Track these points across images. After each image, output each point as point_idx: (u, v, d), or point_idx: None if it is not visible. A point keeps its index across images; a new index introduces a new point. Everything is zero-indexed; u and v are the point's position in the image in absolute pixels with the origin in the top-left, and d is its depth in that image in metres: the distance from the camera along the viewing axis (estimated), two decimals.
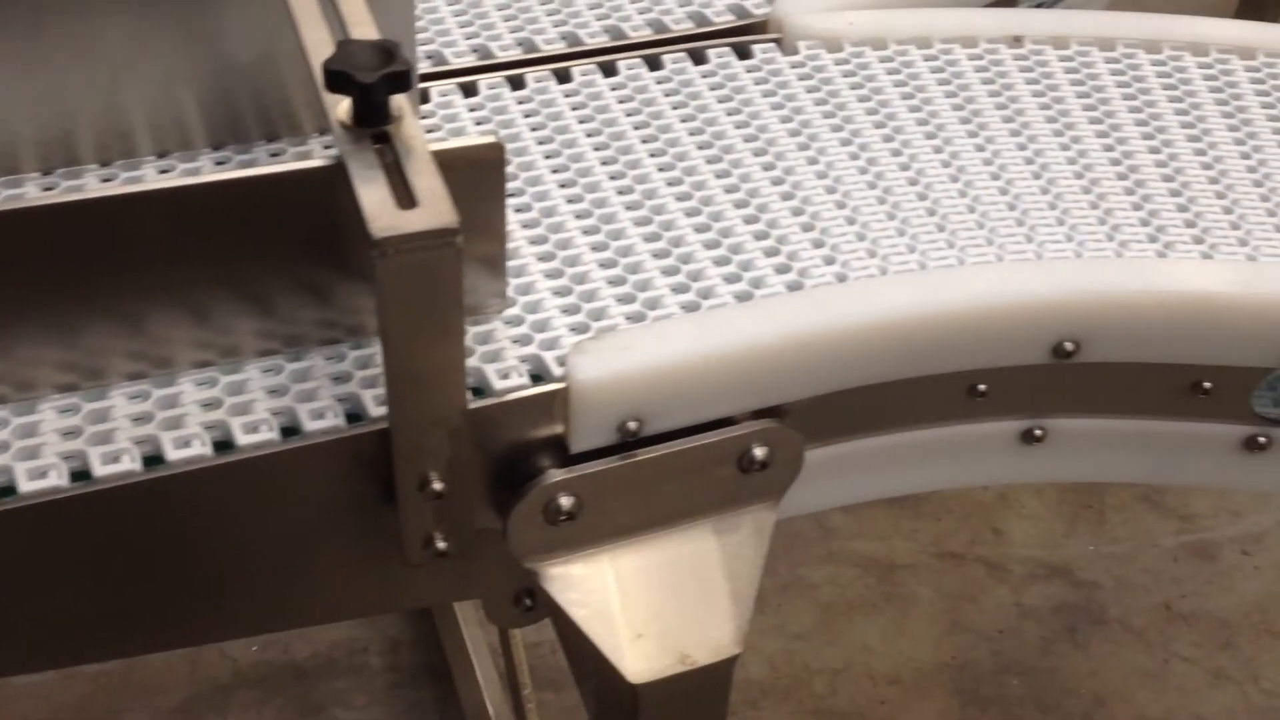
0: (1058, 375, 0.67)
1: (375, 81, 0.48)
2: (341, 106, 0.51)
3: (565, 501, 0.60)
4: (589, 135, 0.72)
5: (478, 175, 0.54)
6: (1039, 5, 1.01)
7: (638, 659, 0.61)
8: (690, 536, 0.64)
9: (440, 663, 1.35)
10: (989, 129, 0.74)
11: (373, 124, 0.50)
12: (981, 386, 0.67)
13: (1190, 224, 0.68)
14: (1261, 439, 0.70)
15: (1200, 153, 0.73)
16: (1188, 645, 1.42)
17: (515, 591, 0.65)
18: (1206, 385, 0.68)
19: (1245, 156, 0.73)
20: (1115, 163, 0.72)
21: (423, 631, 1.38)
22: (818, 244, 0.66)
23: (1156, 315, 0.64)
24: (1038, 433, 0.70)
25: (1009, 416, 0.69)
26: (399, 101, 0.51)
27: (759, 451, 0.63)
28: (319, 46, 0.53)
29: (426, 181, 0.48)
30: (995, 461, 0.71)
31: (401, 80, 0.49)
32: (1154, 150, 0.73)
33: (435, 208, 0.47)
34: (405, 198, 0.48)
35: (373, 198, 0.47)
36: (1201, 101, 0.76)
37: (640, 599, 0.63)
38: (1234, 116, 0.75)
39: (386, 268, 0.47)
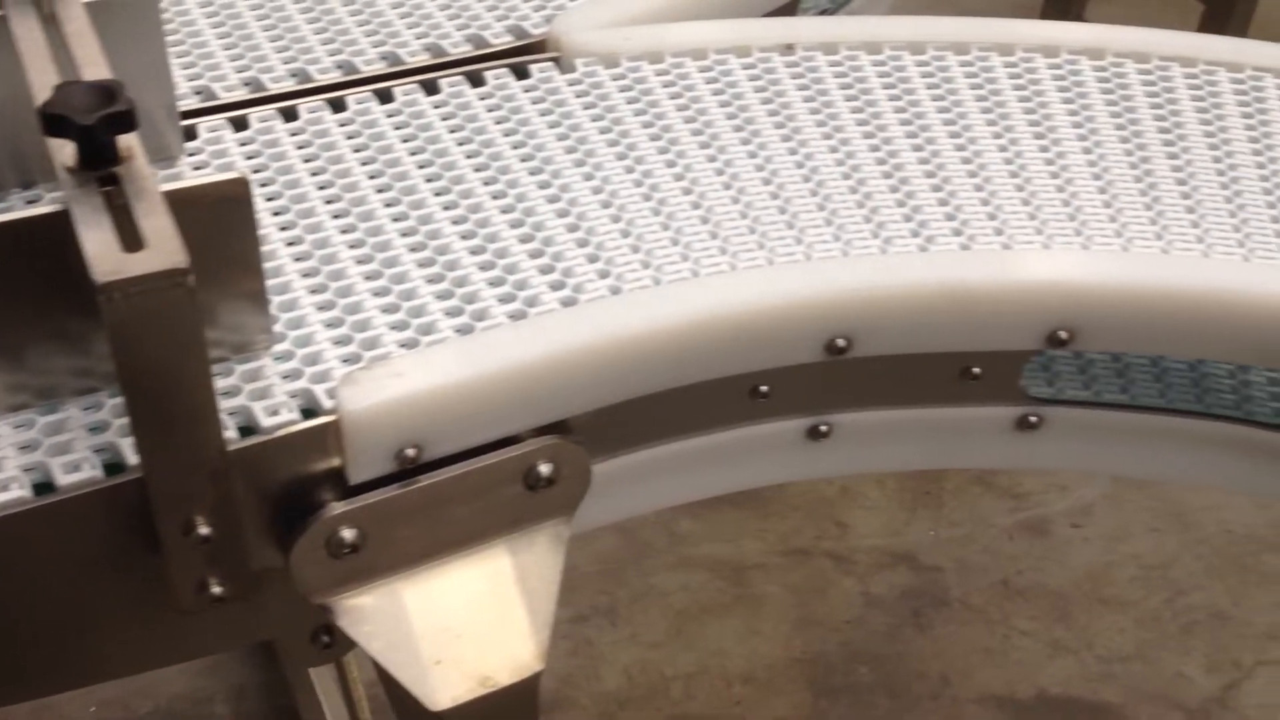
0: (835, 372, 0.69)
1: (95, 123, 0.47)
2: (66, 150, 0.50)
3: (348, 534, 0.59)
4: (364, 164, 0.71)
5: (224, 212, 0.54)
6: (822, 11, 1.04)
7: (438, 686, 0.61)
8: (483, 558, 0.64)
9: (289, 705, 1.32)
10: (761, 135, 0.76)
11: (98, 166, 0.49)
12: (763, 388, 0.69)
13: (950, 217, 0.71)
14: (1033, 418, 0.73)
15: (960, 148, 0.76)
16: (1026, 619, 1.47)
17: (312, 629, 0.64)
18: (976, 371, 0.70)
19: (1002, 150, 0.76)
20: (881, 161, 0.74)
21: (269, 675, 1.35)
22: (592, 258, 0.67)
23: (920, 307, 0.67)
24: (823, 429, 0.72)
25: (793, 415, 0.71)
26: (127, 142, 0.50)
27: (544, 468, 0.63)
28: (45, 90, 0.52)
29: (155, 222, 0.47)
30: (784, 459, 0.72)
31: (124, 121, 0.48)
32: (917, 148, 0.76)
33: (163, 248, 0.46)
34: (133, 240, 0.47)
35: (96, 242, 0.46)
36: (963, 99, 0.79)
37: (437, 625, 0.63)
38: (992, 111, 0.78)
39: (114, 312, 0.46)
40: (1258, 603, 1.48)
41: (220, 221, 0.53)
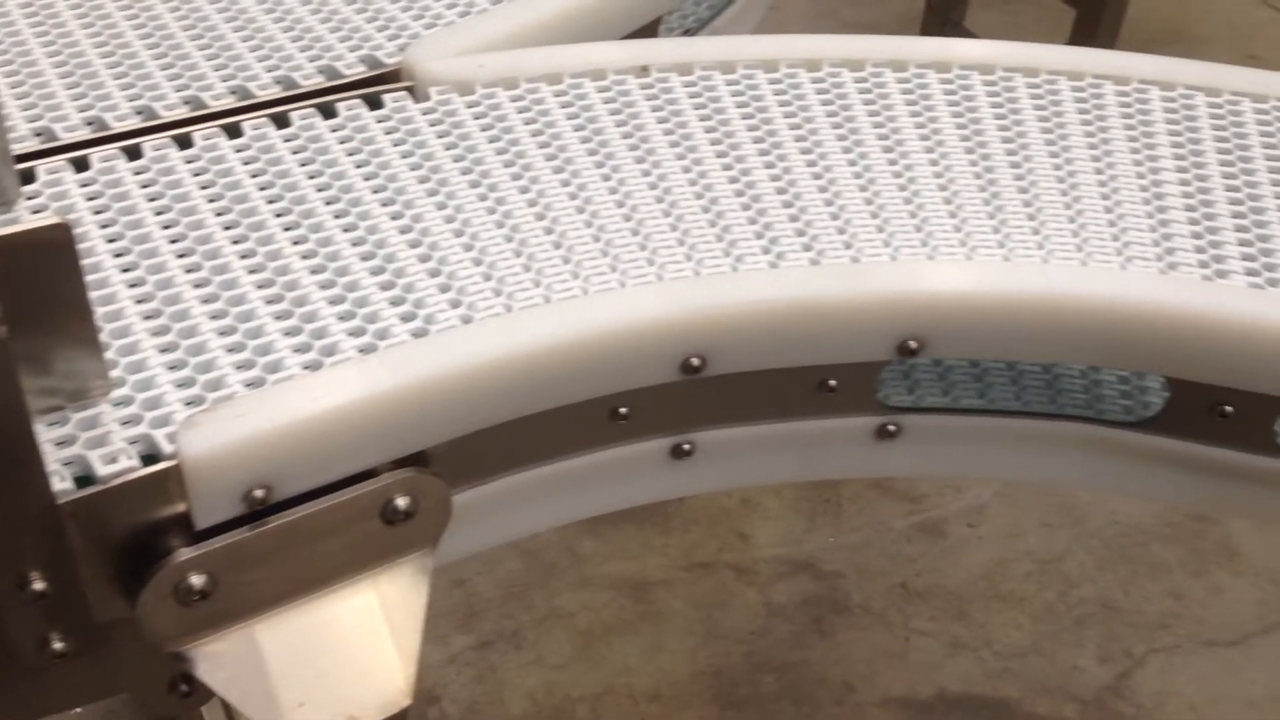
0: (693, 390, 0.69)
1: None
2: None
3: (196, 580, 0.58)
4: (210, 201, 0.70)
5: (46, 258, 0.52)
6: (686, 32, 1.06)
7: None
8: (344, 596, 0.64)
9: None
10: (616, 158, 0.76)
11: None
12: (623, 410, 0.69)
13: (801, 233, 0.72)
14: (891, 427, 0.74)
15: (811, 164, 0.77)
16: (925, 620, 1.49)
17: (169, 679, 0.63)
18: (832, 383, 0.71)
19: (852, 164, 0.77)
20: (733, 180, 0.75)
21: None
22: (444, 288, 0.67)
23: (770, 323, 0.68)
24: (686, 447, 0.72)
25: (655, 435, 0.71)
26: None
27: (402, 502, 0.63)
28: None
29: None
30: (649, 479, 0.73)
31: None
32: (769, 165, 0.77)
33: None
34: None
35: None
36: (814, 115, 0.81)
37: (298, 667, 0.62)
38: (842, 127, 0.80)
39: None
40: (1147, 592, 1.52)
41: (42, 268, 0.52)
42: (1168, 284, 0.68)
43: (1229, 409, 0.70)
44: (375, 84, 0.80)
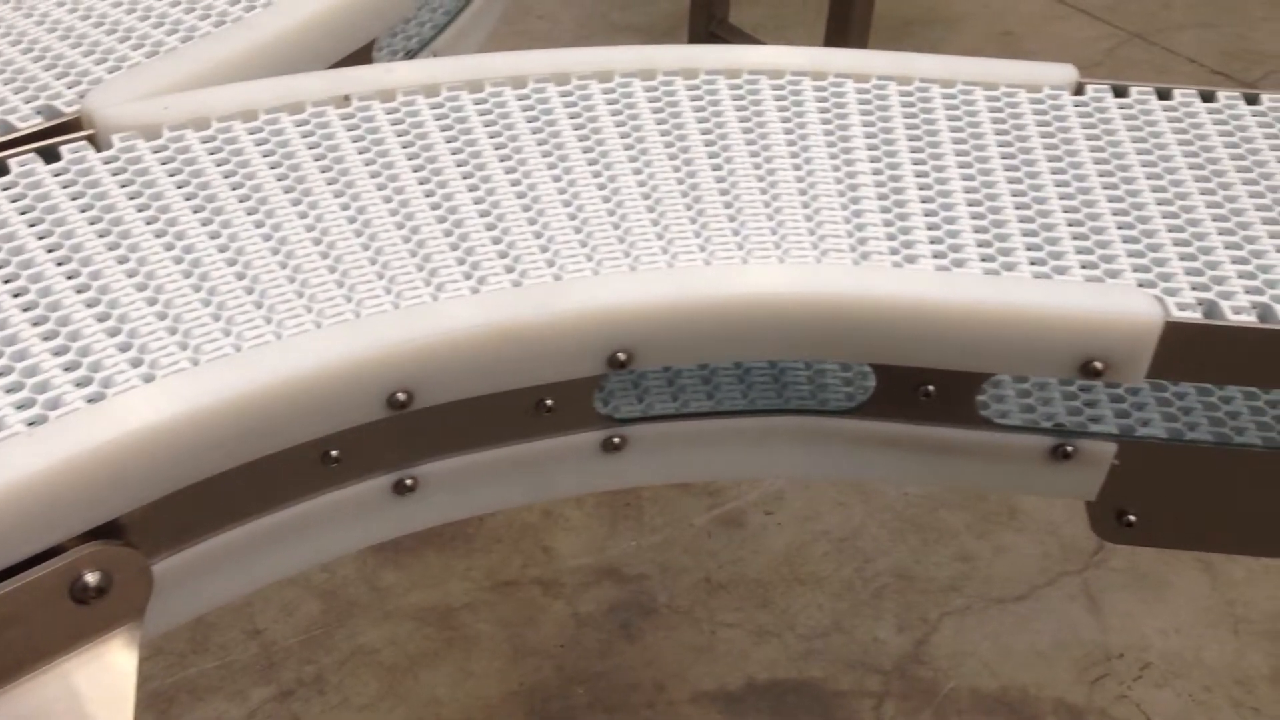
0: (404, 424, 0.68)
1: None
2: None
3: None
4: None
5: None
6: (407, 55, 1.04)
7: None
8: (39, 685, 0.60)
9: None
10: (313, 193, 0.74)
11: None
12: (334, 453, 0.67)
13: (503, 254, 0.71)
14: (616, 439, 0.74)
15: (515, 183, 0.76)
16: (730, 612, 1.51)
17: None
18: (549, 403, 0.71)
19: (556, 179, 0.77)
20: (435, 206, 0.74)
21: None
22: (124, 347, 0.64)
23: (473, 351, 0.67)
24: (408, 482, 0.71)
25: (371, 475, 0.69)
26: None
27: (91, 578, 0.60)
28: None
29: None
30: (373, 520, 0.71)
31: None
32: (473, 188, 0.76)
33: None
34: None
35: None
36: (519, 133, 0.80)
37: None
38: (547, 143, 0.79)
39: None
40: (938, 558, 1.58)
41: None
42: (859, 274, 0.70)
43: (931, 388, 0.72)
44: (53, 135, 0.76)
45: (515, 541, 1.59)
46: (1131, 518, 0.76)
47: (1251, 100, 0.85)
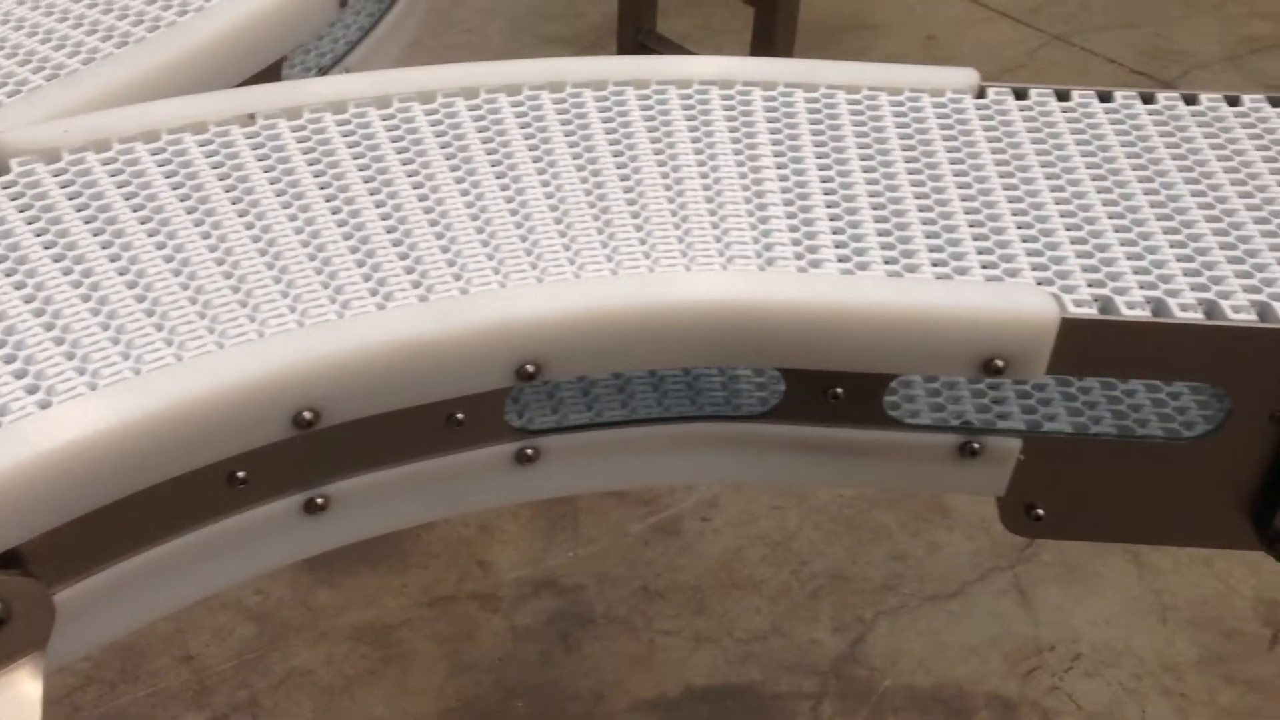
0: (314, 443, 0.68)
1: None
2: None
3: None
4: None
5: None
6: (321, 70, 1.03)
7: None
8: None
9: None
10: (216, 214, 0.74)
11: None
12: (240, 473, 0.67)
13: (410, 270, 0.71)
14: (529, 451, 0.74)
15: (423, 198, 0.76)
16: (668, 619, 1.51)
17: None
18: (460, 416, 0.71)
19: (464, 194, 0.77)
20: (342, 223, 0.74)
21: None
22: (20, 374, 0.63)
23: (378, 367, 0.66)
24: (319, 501, 0.70)
25: (280, 495, 0.69)
26: None
27: None
28: None
29: None
30: (285, 539, 0.70)
31: None
32: (379, 204, 0.75)
33: None
34: None
35: None
36: (427, 148, 0.80)
37: None
38: (455, 157, 0.79)
39: None
40: (872, 558, 1.59)
41: None
42: (763, 279, 0.71)
43: (840, 391, 0.73)
44: None
45: (451, 556, 1.58)
46: (1040, 511, 0.77)
47: (1147, 99, 0.87)
